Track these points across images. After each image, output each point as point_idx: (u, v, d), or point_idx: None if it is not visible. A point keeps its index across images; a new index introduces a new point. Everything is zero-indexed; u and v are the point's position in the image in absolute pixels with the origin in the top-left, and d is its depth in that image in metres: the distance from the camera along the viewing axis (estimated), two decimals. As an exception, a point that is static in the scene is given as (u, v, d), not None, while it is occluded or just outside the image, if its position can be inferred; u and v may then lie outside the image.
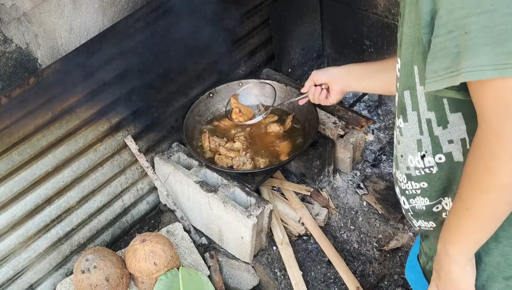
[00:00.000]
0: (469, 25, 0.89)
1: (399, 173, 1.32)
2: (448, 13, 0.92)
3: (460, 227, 1.08)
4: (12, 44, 1.67)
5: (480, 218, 1.04)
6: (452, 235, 1.11)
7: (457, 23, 0.91)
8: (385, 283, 2.27)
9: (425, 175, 1.23)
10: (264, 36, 2.75)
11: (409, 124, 1.20)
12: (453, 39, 0.92)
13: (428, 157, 1.19)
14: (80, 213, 2.22)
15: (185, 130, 2.30)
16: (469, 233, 1.08)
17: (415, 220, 1.35)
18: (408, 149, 1.24)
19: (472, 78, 0.90)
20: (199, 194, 2.23)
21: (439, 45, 0.95)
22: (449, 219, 1.12)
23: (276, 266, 2.28)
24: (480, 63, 0.88)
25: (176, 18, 2.19)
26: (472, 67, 0.89)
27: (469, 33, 0.90)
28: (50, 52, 1.80)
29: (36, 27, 1.70)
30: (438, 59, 0.95)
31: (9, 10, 1.61)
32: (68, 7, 1.75)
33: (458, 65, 0.91)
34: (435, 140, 1.16)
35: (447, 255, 1.14)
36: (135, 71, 2.16)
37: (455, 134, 1.12)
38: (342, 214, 2.48)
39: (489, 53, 0.88)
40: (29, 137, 1.93)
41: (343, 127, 2.43)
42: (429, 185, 1.24)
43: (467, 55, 0.90)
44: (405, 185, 1.30)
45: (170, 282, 2.05)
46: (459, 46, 0.91)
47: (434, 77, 0.96)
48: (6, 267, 2.03)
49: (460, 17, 0.91)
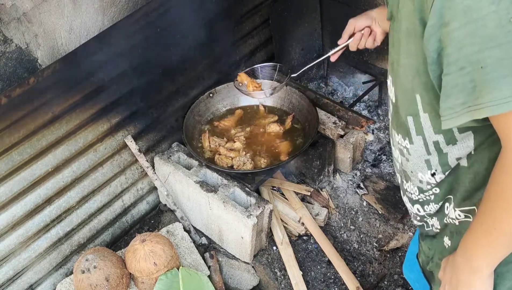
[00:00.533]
0: (484, 59, 0.90)
1: (410, 184, 1.34)
2: (458, 50, 0.93)
3: (488, 242, 1.09)
4: (12, 44, 1.67)
5: (509, 235, 1.05)
6: (479, 249, 1.12)
7: (469, 59, 0.92)
8: (385, 283, 2.27)
9: (436, 184, 1.26)
10: (264, 36, 2.75)
11: (415, 146, 1.22)
12: (467, 74, 0.93)
13: (438, 175, 1.23)
14: (80, 213, 2.22)
15: (185, 130, 2.30)
16: (496, 248, 1.09)
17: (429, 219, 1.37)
18: (417, 168, 1.27)
19: (499, 111, 0.91)
20: (199, 194, 2.23)
21: (452, 82, 0.95)
22: (475, 233, 1.12)
23: (276, 266, 2.28)
24: (503, 96, 0.89)
25: (176, 18, 2.19)
26: (497, 100, 0.90)
27: (485, 68, 0.90)
28: (50, 52, 1.80)
29: (36, 27, 1.70)
30: (453, 96, 0.96)
31: (9, 10, 1.61)
32: (68, 7, 1.75)
33: (477, 100, 0.92)
34: (443, 159, 1.19)
35: (470, 267, 1.14)
36: (135, 71, 2.16)
37: (464, 150, 1.14)
38: (342, 214, 2.48)
39: (510, 84, 0.89)
40: (29, 137, 1.93)
41: (343, 127, 2.43)
42: (440, 190, 1.27)
43: (487, 88, 0.91)
44: (417, 196, 1.33)
45: (170, 282, 2.05)
46: (474, 81, 0.92)
47: (451, 114, 0.97)
48: (6, 267, 2.03)
49: (471, 52, 0.91)
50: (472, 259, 1.14)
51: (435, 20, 0.94)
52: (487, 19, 0.88)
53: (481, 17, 0.88)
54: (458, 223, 1.27)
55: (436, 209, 1.32)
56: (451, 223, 1.29)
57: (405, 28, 1.06)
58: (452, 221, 1.28)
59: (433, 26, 0.95)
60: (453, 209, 1.25)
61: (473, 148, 1.14)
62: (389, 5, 1.16)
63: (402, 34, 1.07)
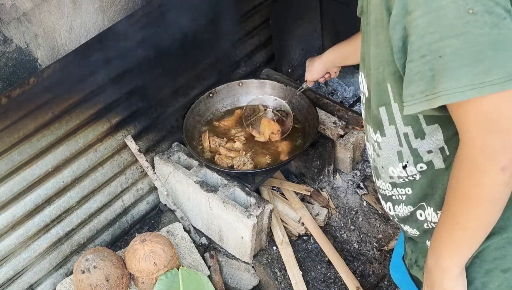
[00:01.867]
0: (443, 48, 0.91)
1: (381, 182, 1.34)
2: (420, 38, 0.94)
3: (452, 240, 1.09)
4: (12, 44, 1.67)
5: (471, 231, 1.05)
6: (445, 248, 1.12)
7: (430, 48, 0.93)
8: (385, 283, 2.27)
9: (409, 182, 1.25)
10: (264, 36, 2.75)
11: (387, 138, 1.23)
12: (427, 63, 0.94)
13: (410, 167, 1.22)
14: (80, 213, 2.22)
15: (185, 130, 2.30)
16: (462, 245, 1.09)
17: (402, 224, 1.37)
18: (388, 162, 1.26)
19: (453, 100, 0.91)
20: (199, 194, 2.23)
21: (414, 69, 0.96)
22: (440, 232, 1.13)
23: (276, 266, 2.28)
24: (459, 85, 0.90)
25: (176, 18, 2.19)
26: (452, 89, 0.91)
27: (443, 56, 0.91)
28: (50, 52, 1.79)
29: (36, 27, 1.70)
30: (414, 83, 0.97)
31: (9, 10, 1.61)
32: (68, 7, 1.75)
33: (434, 89, 0.93)
34: (414, 152, 1.19)
35: (440, 268, 1.14)
36: (135, 71, 2.15)
37: (433, 144, 1.15)
38: (342, 214, 2.48)
39: (467, 74, 0.89)
40: (29, 137, 1.93)
41: (343, 127, 2.43)
42: (413, 191, 1.26)
43: (444, 77, 0.91)
44: (390, 192, 1.32)
45: (170, 282, 2.05)
46: (433, 70, 0.93)
47: (411, 100, 0.98)
48: (6, 267, 2.03)
49: (432, 41, 0.92)
50: (440, 258, 1.13)
51: (400, 8, 0.96)
52: (447, 8, 0.90)
53: (441, 6, 0.90)
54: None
55: (406, 213, 1.31)
56: (432, 227, 1.27)
57: (374, 19, 1.08)
58: (433, 225, 1.26)
59: (398, 15, 0.97)
60: (435, 212, 1.24)
61: (444, 143, 1.13)
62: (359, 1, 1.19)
63: (371, 26, 1.09)
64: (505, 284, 1.17)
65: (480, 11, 0.88)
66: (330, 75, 2.18)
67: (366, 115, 1.30)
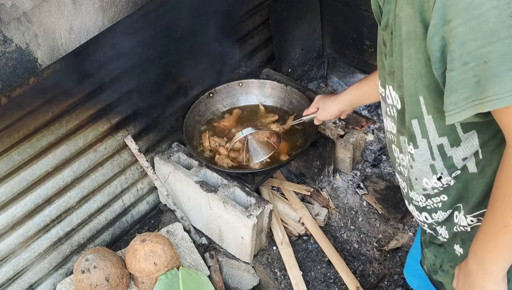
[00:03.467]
0: (487, 54, 0.91)
1: (414, 193, 1.33)
2: (461, 46, 0.93)
3: (497, 244, 1.08)
4: (12, 44, 1.67)
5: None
6: (490, 252, 1.11)
7: (472, 54, 0.92)
8: (385, 283, 2.27)
9: (444, 190, 1.25)
10: (264, 36, 2.75)
11: (420, 150, 1.22)
12: (470, 70, 0.93)
13: (445, 177, 1.22)
14: (80, 213, 2.22)
15: (185, 130, 2.30)
16: (508, 250, 1.08)
17: (439, 226, 1.36)
18: (422, 173, 1.26)
19: (503, 104, 0.91)
20: (199, 194, 2.23)
21: (456, 78, 0.96)
22: (484, 235, 1.12)
23: (276, 266, 2.28)
24: (507, 89, 0.90)
25: (176, 18, 2.19)
26: (501, 94, 0.91)
27: (488, 62, 0.91)
28: (50, 52, 1.79)
29: (36, 27, 1.70)
30: (457, 91, 0.96)
31: (9, 10, 1.61)
32: (68, 7, 1.75)
33: (482, 94, 0.93)
34: (448, 162, 1.18)
35: (483, 272, 1.13)
36: (135, 71, 2.15)
37: (469, 150, 1.14)
38: (342, 214, 2.48)
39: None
40: (29, 137, 1.93)
41: (343, 127, 2.43)
42: (448, 197, 1.26)
43: (491, 82, 0.91)
44: (424, 203, 1.32)
45: (170, 282, 2.05)
46: (478, 76, 0.93)
47: (455, 109, 0.97)
48: (6, 267, 2.03)
49: (474, 48, 0.92)
50: (483, 262, 1.12)
51: (438, 19, 0.95)
52: (488, 14, 0.89)
53: (482, 13, 0.89)
54: (470, 229, 1.26)
55: (444, 217, 1.31)
56: (461, 231, 1.28)
57: (406, 32, 1.07)
58: (463, 228, 1.27)
59: (436, 25, 0.96)
60: (464, 216, 1.24)
61: (479, 147, 1.13)
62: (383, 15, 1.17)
63: (403, 38, 1.08)
64: None
65: None
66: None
67: (400, 126, 1.29)
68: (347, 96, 1.93)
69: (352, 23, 2.83)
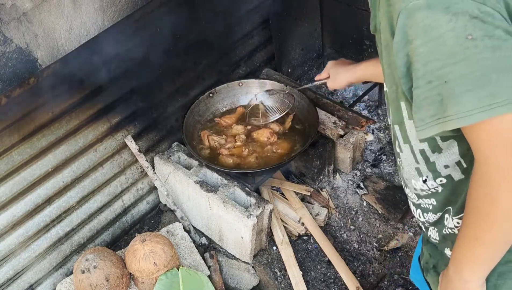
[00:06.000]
0: (447, 74, 0.93)
1: (409, 191, 1.36)
2: (424, 66, 0.96)
3: (472, 256, 1.10)
4: (12, 44, 1.67)
5: (491, 248, 1.06)
6: (466, 263, 1.13)
7: (434, 74, 0.95)
8: (385, 283, 2.27)
9: (432, 194, 1.26)
10: (264, 36, 2.74)
11: (405, 155, 1.25)
12: (434, 88, 0.95)
13: (429, 181, 1.23)
14: (80, 213, 2.22)
15: (185, 130, 2.30)
16: (482, 261, 1.10)
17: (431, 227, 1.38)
18: (410, 175, 1.28)
19: (463, 123, 0.94)
20: (199, 194, 2.23)
21: (422, 95, 0.98)
22: (460, 247, 1.13)
23: (276, 266, 2.28)
24: (466, 108, 0.92)
25: (176, 18, 2.19)
26: (461, 113, 0.93)
27: (448, 82, 0.93)
28: (50, 52, 1.79)
29: (36, 27, 1.70)
30: (424, 108, 0.98)
31: (9, 10, 1.61)
32: (68, 7, 1.75)
33: (445, 112, 0.95)
34: (432, 167, 1.20)
35: (461, 280, 1.15)
36: (135, 71, 2.15)
37: (450, 158, 1.16)
38: (342, 214, 2.48)
39: (472, 99, 0.91)
40: (29, 137, 1.93)
41: (343, 127, 2.43)
42: (437, 203, 1.27)
43: (452, 102, 0.93)
44: (418, 201, 1.34)
45: (170, 282, 2.05)
46: (441, 94, 0.95)
47: (423, 125, 1.00)
48: (6, 267, 2.03)
49: (436, 68, 0.94)
50: (462, 271, 1.14)
51: (400, 37, 0.98)
52: (446, 37, 0.91)
53: (440, 35, 0.92)
54: (457, 231, 1.26)
55: (435, 219, 1.32)
56: (450, 233, 1.29)
57: (384, 39, 1.09)
58: (451, 231, 1.28)
59: (399, 43, 0.99)
60: (451, 218, 1.25)
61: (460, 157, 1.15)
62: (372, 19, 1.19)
63: (383, 46, 1.11)
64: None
65: (480, 36, 0.90)
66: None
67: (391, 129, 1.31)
68: (361, 70, 1.92)
69: (352, 23, 2.83)
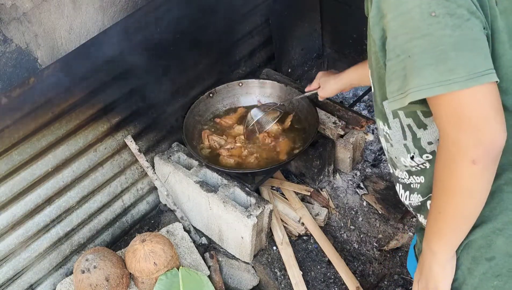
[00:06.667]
0: (412, 48, 0.98)
1: (399, 171, 1.39)
2: (394, 39, 1.01)
3: (437, 228, 1.16)
4: (12, 44, 1.67)
5: (452, 220, 1.12)
6: (433, 234, 1.19)
7: (402, 48, 1.00)
8: (385, 283, 2.27)
9: (421, 170, 1.30)
10: (264, 36, 2.75)
11: (393, 131, 1.29)
12: (401, 62, 1.00)
13: (416, 157, 1.27)
14: (80, 213, 2.22)
15: (185, 130, 2.30)
16: (445, 233, 1.16)
17: (417, 214, 1.42)
18: (399, 152, 1.32)
19: (420, 96, 0.98)
20: (199, 194, 2.23)
21: (391, 68, 1.03)
22: (429, 219, 1.19)
23: (276, 266, 2.28)
24: (426, 82, 0.97)
25: (176, 18, 2.19)
26: (420, 86, 0.98)
27: (412, 56, 0.98)
28: (50, 52, 1.79)
29: (36, 27, 1.70)
30: (392, 81, 1.04)
31: (9, 10, 1.61)
32: (68, 7, 1.75)
33: (406, 86, 1.00)
34: (418, 143, 1.24)
35: (430, 251, 1.21)
36: (135, 71, 2.15)
37: (433, 135, 1.20)
38: (342, 214, 2.48)
39: (433, 72, 0.96)
40: (29, 137, 1.93)
41: (343, 127, 2.43)
42: (425, 180, 1.30)
43: (413, 75, 0.98)
44: (408, 180, 1.37)
45: (170, 282, 2.05)
46: (405, 69, 1.00)
47: (392, 97, 1.05)
48: (6, 267, 2.03)
49: (404, 42, 0.99)
50: (430, 243, 1.19)
51: (375, 12, 1.05)
52: (412, 12, 0.97)
53: (408, 10, 0.98)
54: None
55: (417, 202, 1.35)
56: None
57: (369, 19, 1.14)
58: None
59: (375, 17, 1.06)
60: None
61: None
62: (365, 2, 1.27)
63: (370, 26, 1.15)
64: (490, 273, 1.21)
65: (442, 14, 0.95)
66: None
67: (375, 109, 1.35)
68: (349, 75, 2.02)
69: (352, 23, 2.83)
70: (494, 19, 1.03)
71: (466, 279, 1.23)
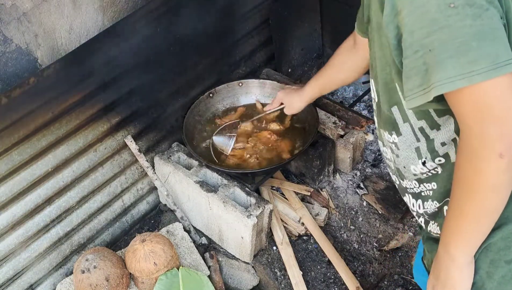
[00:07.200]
0: (432, 42, 0.96)
1: (407, 181, 1.35)
2: (410, 35, 0.99)
3: (458, 229, 1.11)
4: (12, 44, 1.66)
5: (475, 219, 1.07)
6: (452, 237, 1.13)
7: (420, 43, 0.98)
8: (385, 283, 2.27)
9: (433, 176, 1.26)
10: (264, 36, 2.75)
11: (404, 136, 1.25)
12: (420, 58, 0.98)
13: (429, 162, 1.24)
14: (80, 213, 2.22)
15: (185, 130, 2.30)
16: (467, 234, 1.11)
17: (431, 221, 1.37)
18: (408, 160, 1.29)
19: (444, 90, 0.96)
20: (199, 194, 2.23)
21: (410, 65, 1.01)
22: (447, 221, 1.14)
23: (276, 266, 2.28)
24: (448, 75, 0.94)
25: (176, 18, 2.19)
26: (443, 80, 0.95)
27: (433, 50, 0.96)
28: (50, 52, 1.79)
29: (36, 27, 1.70)
30: (412, 78, 1.01)
31: (9, 10, 1.61)
32: (68, 7, 1.75)
33: (429, 81, 0.97)
34: (431, 145, 1.21)
35: (448, 255, 1.16)
36: (135, 71, 2.15)
37: (447, 135, 1.17)
38: (342, 214, 2.48)
39: (455, 64, 0.94)
40: (29, 137, 1.93)
41: (343, 127, 2.43)
42: (437, 186, 1.27)
43: (436, 70, 0.96)
44: (418, 188, 1.33)
45: (170, 282, 2.05)
46: (426, 64, 0.97)
47: (411, 95, 1.02)
48: (6, 267, 2.03)
49: (421, 37, 0.97)
50: (448, 247, 1.15)
51: (389, 9, 1.03)
52: (429, 5, 0.95)
53: (424, 3, 0.96)
54: None
55: (434, 208, 1.32)
56: None
57: (376, 23, 1.13)
58: None
59: (389, 15, 1.03)
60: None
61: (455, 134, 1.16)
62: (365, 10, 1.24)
63: (375, 30, 1.14)
64: (509, 275, 1.18)
65: (461, 4, 0.93)
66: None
67: (378, 120, 1.32)
68: (311, 91, 2.08)
69: (352, 23, 2.81)
70: (508, 10, 1.00)
71: (485, 283, 1.20)
